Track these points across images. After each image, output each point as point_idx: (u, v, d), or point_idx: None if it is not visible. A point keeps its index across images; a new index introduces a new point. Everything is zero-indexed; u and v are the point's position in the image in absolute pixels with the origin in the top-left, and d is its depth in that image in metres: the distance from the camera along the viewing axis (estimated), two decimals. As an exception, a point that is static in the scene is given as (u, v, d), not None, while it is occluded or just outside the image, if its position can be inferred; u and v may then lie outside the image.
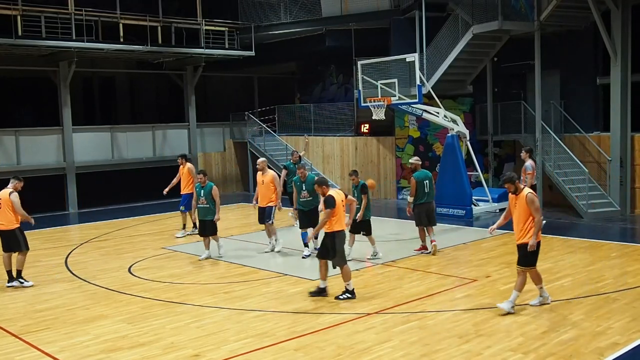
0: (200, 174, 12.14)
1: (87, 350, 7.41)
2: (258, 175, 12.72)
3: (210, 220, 12.04)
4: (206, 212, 12.05)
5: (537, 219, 8.16)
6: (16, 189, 10.50)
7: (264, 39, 23.31)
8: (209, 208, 12.01)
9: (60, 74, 20.13)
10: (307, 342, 7.48)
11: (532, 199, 8.18)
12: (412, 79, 16.17)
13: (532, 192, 8.29)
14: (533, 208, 8.15)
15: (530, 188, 13.64)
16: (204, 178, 12.03)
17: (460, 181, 16.39)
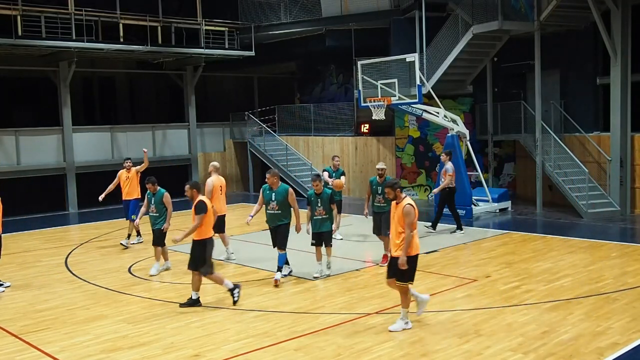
0: (149, 182, 11.11)
1: (87, 350, 7.41)
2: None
3: (158, 229, 11.06)
4: (155, 220, 11.12)
5: (406, 234, 7.53)
6: None
7: (264, 39, 23.32)
8: (159, 216, 11.08)
9: (60, 74, 20.13)
10: (307, 342, 7.48)
11: (408, 211, 7.54)
12: (412, 79, 16.17)
13: (411, 204, 7.64)
14: (407, 221, 7.53)
15: (449, 190, 13.94)
16: (153, 186, 11.08)
17: (460, 181, 16.37)
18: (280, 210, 10.12)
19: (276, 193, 10.10)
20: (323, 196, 10.32)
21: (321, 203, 10.30)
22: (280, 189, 10.13)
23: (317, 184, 10.36)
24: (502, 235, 14.13)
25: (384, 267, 11.16)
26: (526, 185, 19.75)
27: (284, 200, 10.10)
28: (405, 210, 7.57)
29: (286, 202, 10.10)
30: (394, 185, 7.88)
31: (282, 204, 10.09)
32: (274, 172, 10.33)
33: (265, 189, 10.31)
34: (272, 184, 10.15)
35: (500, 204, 17.37)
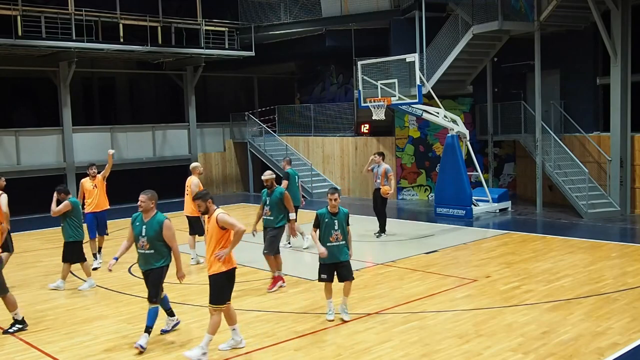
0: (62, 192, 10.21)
1: (87, 350, 7.41)
2: None
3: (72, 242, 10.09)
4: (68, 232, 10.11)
5: (236, 229, 6.91)
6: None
7: (264, 39, 23.32)
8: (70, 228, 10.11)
9: (60, 74, 20.12)
10: (307, 342, 7.48)
11: (223, 219, 6.91)
12: (412, 79, 16.17)
13: (223, 212, 7.02)
14: (228, 224, 6.90)
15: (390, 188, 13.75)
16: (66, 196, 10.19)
17: (460, 181, 16.40)
18: (153, 249, 7.47)
19: (147, 226, 7.44)
20: (340, 216, 8.19)
21: (338, 225, 8.16)
22: (154, 220, 7.43)
23: (336, 198, 8.14)
24: (502, 235, 14.13)
25: (383, 268, 11.18)
26: (526, 186, 19.74)
27: (157, 235, 7.40)
28: (219, 219, 6.91)
29: (159, 237, 7.43)
30: (204, 196, 7.06)
31: (155, 240, 7.41)
32: (150, 194, 7.46)
33: (135, 219, 7.60)
34: (146, 211, 7.48)
35: (500, 204, 17.37)
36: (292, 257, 12.42)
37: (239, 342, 7.30)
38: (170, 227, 7.43)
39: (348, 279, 8.17)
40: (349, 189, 21.83)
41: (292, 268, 11.29)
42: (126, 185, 22.50)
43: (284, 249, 13.01)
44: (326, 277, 8.19)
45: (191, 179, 11.88)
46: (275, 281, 9.97)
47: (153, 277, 7.57)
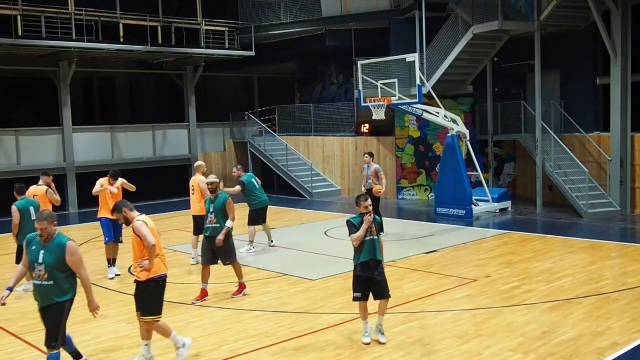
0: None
1: (87, 350, 7.41)
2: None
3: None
4: None
5: (146, 243, 6.55)
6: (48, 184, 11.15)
7: (264, 39, 23.32)
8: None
9: (60, 74, 20.13)
10: (307, 342, 7.48)
11: (137, 228, 6.58)
12: (412, 79, 16.17)
13: (141, 220, 6.64)
14: (141, 235, 6.55)
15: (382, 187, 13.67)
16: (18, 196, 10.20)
17: (460, 181, 16.40)
18: (51, 279, 5.97)
19: (46, 250, 6.00)
20: (375, 224, 7.51)
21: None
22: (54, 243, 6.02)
23: (367, 207, 7.36)
24: (502, 235, 14.13)
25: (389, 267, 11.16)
26: (526, 185, 19.74)
27: (58, 262, 5.97)
28: (135, 227, 6.57)
29: (61, 265, 5.99)
30: (117, 208, 6.73)
31: (54, 268, 5.96)
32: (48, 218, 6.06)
33: (30, 242, 6.17)
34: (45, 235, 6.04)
35: (500, 204, 17.36)
36: (292, 257, 12.42)
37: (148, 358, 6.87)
38: (76, 251, 6.00)
39: (385, 296, 7.34)
40: (349, 189, 21.84)
41: (292, 268, 11.29)
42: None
43: (279, 249, 13.03)
44: (360, 295, 7.35)
45: (197, 177, 11.87)
46: (241, 288, 9.61)
47: (53, 315, 6.01)
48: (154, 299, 6.72)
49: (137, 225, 6.58)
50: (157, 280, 6.74)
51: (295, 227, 16.05)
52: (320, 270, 11.03)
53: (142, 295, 6.72)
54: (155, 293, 6.73)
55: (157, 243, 6.74)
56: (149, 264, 6.59)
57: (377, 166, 13.95)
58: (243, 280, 9.68)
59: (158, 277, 6.74)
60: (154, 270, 6.68)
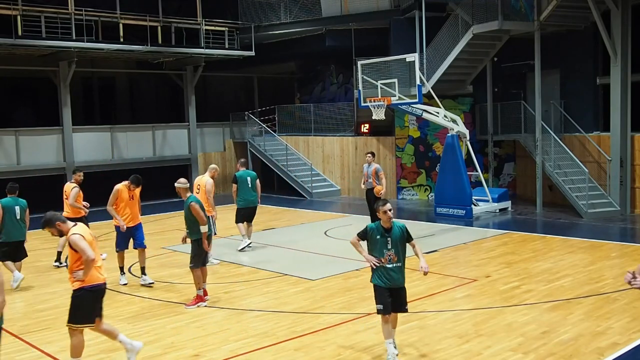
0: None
1: (87, 350, 7.39)
2: None
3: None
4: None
5: (85, 257, 6.41)
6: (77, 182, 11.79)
7: (264, 39, 23.32)
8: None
9: (60, 74, 20.12)
10: (307, 342, 7.48)
11: (75, 241, 6.47)
12: (412, 79, 16.17)
13: (76, 232, 6.54)
14: (79, 249, 6.45)
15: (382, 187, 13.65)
16: None
17: (460, 181, 16.40)
18: None
19: None
20: (395, 233, 6.73)
21: (392, 244, 6.72)
22: None
23: (390, 209, 6.70)
24: (502, 235, 14.13)
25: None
26: (526, 185, 19.74)
27: None
28: (72, 240, 6.48)
29: None
30: (47, 224, 6.64)
31: None
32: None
33: None
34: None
35: (500, 204, 17.37)
36: (292, 257, 12.42)
37: (133, 346, 6.86)
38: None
39: (401, 310, 6.83)
40: (349, 189, 21.83)
41: (292, 268, 11.29)
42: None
43: (279, 249, 13.03)
44: (382, 308, 6.63)
45: (205, 178, 11.79)
46: (197, 300, 9.11)
47: None
48: (82, 308, 6.59)
49: (74, 240, 6.47)
50: (90, 290, 6.59)
51: (295, 227, 16.05)
52: (320, 270, 11.04)
53: (72, 302, 6.62)
54: (85, 301, 6.58)
55: (96, 253, 6.63)
56: (83, 275, 6.49)
57: (378, 166, 13.96)
58: (200, 291, 9.14)
59: (91, 287, 6.59)
60: (88, 280, 6.55)
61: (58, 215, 6.77)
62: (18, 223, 10.45)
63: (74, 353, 6.65)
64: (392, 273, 6.67)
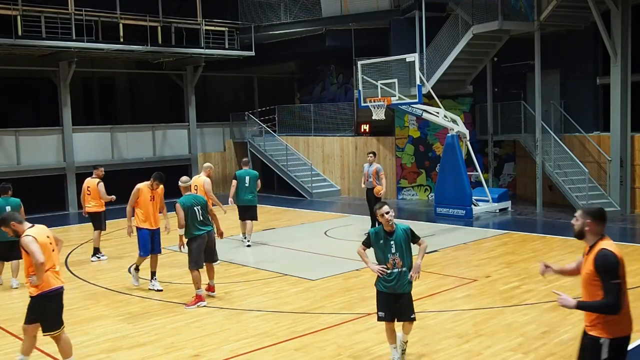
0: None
1: (87, 350, 7.41)
2: None
3: None
4: None
5: (34, 261, 6.22)
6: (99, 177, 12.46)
7: (264, 39, 23.32)
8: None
9: (60, 74, 20.12)
10: (307, 342, 7.48)
11: (26, 243, 6.31)
12: (412, 79, 16.17)
13: (31, 235, 6.39)
14: (29, 251, 6.28)
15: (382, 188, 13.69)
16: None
17: (460, 181, 16.40)
18: None
19: None
20: (398, 236, 6.52)
21: (395, 248, 6.45)
22: None
23: (388, 212, 6.56)
24: (502, 235, 14.13)
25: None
26: (526, 185, 19.75)
27: None
28: (23, 242, 6.33)
29: None
30: (5, 221, 6.55)
31: None
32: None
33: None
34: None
35: (500, 204, 17.37)
36: (292, 257, 12.42)
37: None
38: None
39: (406, 318, 6.54)
40: (348, 189, 21.83)
41: (292, 268, 11.29)
42: (126, 185, 22.56)
43: (279, 249, 13.03)
44: (383, 315, 6.50)
45: (202, 178, 11.86)
46: (197, 299, 9.11)
47: None
48: (51, 315, 6.49)
49: (25, 242, 6.30)
50: (48, 295, 6.44)
51: (295, 227, 16.05)
52: (320, 270, 11.04)
53: (37, 311, 6.48)
54: (49, 308, 6.47)
55: (51, 257, 6.46)
56: (37, 280, 6.32)
57: (379, 166, 13.97)
58: (200, 291, 9.14)
59: (49, 292, 6.43)
60: (43, 285, 6.39)
61: (15, 215, 6.74)
62: None
63: (66, 353, 6.65)
64: (395, 279, 6.39)
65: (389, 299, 6.45)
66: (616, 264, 4.60)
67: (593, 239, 4.72)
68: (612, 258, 4.60)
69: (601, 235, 4.75)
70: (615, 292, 4.47)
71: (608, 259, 4.59)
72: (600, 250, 4.62)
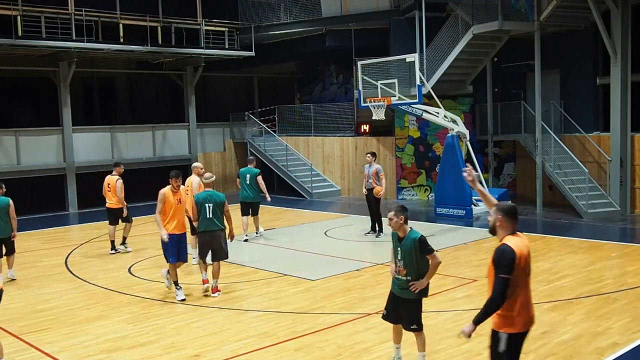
0: None
1: (87, 351, 7.41)
2: None
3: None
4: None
5: None
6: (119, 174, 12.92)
7: (264, 39, 23.32)
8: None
9: (60, 74, 20.12)
10: (307, 342, 7.48)
11: None
12: (412, 79, 16.17)
13: None
14: None
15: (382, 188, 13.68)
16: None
17: (460, 181, 16.36)
18: None
19: None
20: (406, 244, 6.30)
21: (401, 255, 6.28)
22: None
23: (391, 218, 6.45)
24: (502, 235, 14.11)
25: (383, 268, 11.18)
26: (526, 185, 19.74)
27: None
28: None
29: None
30: None
31: None
32: None
33: None
34: None
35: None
36: (292, 257, 12.42)
37: None
38: None
39: (405, 326, 6.38)
40: (349, 189, 21.83)
41: (292, 268, 11.29)
42: (126, 185, 22.56)
43: (279, 249, 13.04)
44: (385, 313, 6.52)
45: (192, 178, 11.81)
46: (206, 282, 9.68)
47: None
48: None
49: None
50: None
51: (295, 227, 16.05)
52: (320, 270, 11.03)
53: None
54: None
55: None
56: None
57: (379, 166, 13.96)
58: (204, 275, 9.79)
59: None
60: None
61: None
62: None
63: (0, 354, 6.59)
64: (397, 285, 6.33)
65: (394, 299, 6.45)
66: (510, 259, 4.78)
67: (502, 234, 4.92)
68: (507, 253, 4.78)
69: (512, 231, 4.96)
70: (501, 286, 4.79)
71: (503, 253, 4.77)
72: (501, 245, 4.81)
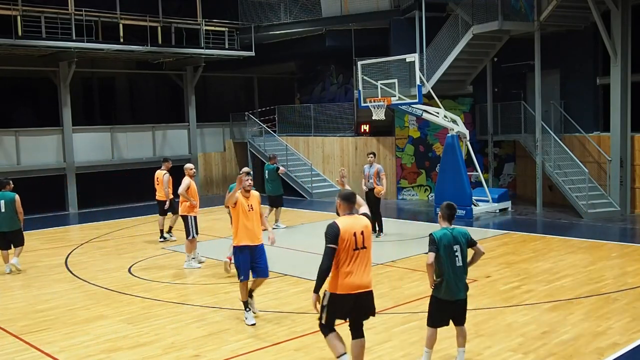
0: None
1: (87, 351, 7.41)
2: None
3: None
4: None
5: None
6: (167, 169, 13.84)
7: (264, 39, 23.33)
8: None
9: (60, 74, 20.12)
10: (307, 342, 7.48)
11: None
12: (412, 79, 16.17)
13: None
14: None
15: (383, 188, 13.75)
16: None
17: (460, 181, 16.39)
18: None
19: None
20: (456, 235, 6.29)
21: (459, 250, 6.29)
22: None
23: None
24: (502, 235, 14.13)
25: (383, 268, 11.18)
26: (526, 185, 19.75)
27: None
28: None
29: None
30: None
31: None
32: None
33: None
34: None
35: (500, 204, 17.36)
36: (292, 257, 12.42)
37: None
38: None
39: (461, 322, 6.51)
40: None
41: (292, 268, 11.29)
42: (126, 185, 22.60)
43: (279, 249, 13.04)
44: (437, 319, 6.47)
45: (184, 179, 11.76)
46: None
47: None
48: None
49: None
50: None
51: (295, 227, 16.05)
52: (320, 271, 11.00)
53: None
54: None
55: None
56: None
57: (380, 166, 13.97)
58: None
59: None
60: None
61: None
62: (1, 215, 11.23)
63: None
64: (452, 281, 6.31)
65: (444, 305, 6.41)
66: (333, 233, 5.72)
67: (341, 214, 5.88)
68: (332, 228, 5.75)
69: (349, 212, 5.85)
70: (326, 255, 5.84)
71: (329, 227, 5.76)
72: (331, 222, 5.76)
